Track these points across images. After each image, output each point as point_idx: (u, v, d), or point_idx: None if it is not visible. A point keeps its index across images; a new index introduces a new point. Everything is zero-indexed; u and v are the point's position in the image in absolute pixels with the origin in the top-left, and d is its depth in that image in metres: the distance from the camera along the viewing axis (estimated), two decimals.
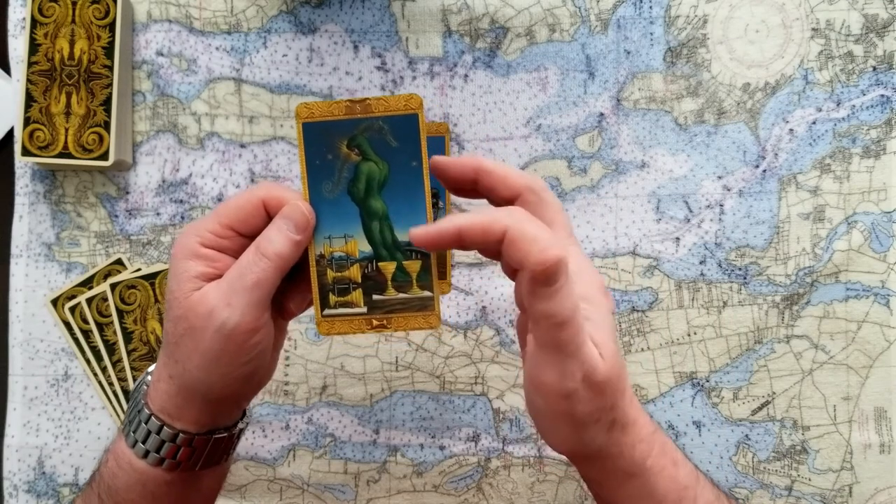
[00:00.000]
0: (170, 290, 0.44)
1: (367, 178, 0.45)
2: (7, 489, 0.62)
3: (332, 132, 0.45)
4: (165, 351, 0.45)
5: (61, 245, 0.63)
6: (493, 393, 0.62)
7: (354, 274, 0.46)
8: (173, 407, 0.45)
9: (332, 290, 0.46)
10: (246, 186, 0.63)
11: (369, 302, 0.46)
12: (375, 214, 0.45)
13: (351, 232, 0.46)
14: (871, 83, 0.62)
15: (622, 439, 0.42)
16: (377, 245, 0.46)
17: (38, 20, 0.60)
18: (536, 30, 0.63)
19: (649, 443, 0.43)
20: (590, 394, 0.40)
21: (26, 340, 0.62)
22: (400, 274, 0.46)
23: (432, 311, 0.46)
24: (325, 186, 0.45)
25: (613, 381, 0.40)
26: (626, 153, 0.62)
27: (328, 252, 0.46)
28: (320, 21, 0.63)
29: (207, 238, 0.44)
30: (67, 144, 0.59)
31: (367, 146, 0.45)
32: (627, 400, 0.42)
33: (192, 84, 0.63)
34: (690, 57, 0.62)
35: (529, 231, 0.39)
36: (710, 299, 0.62)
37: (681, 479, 0.44)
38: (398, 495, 0.63)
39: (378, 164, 0.45)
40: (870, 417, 0.61)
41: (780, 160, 0.62)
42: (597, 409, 0.40)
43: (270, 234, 0.43)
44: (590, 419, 0.40)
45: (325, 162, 0.45)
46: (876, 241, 0.62)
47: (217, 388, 0.44)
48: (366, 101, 0.45)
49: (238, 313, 0.42)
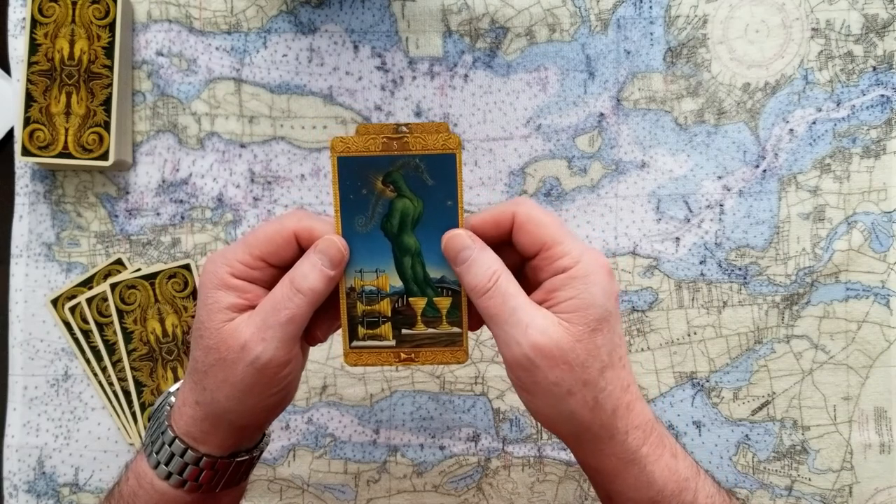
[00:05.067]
0: (200, 319, 0.44)
1: (402, 214, 0.45)
2: (7, 489, 0.62)
3: (368, 167, 0.45)
4: (193, 377, 0.45)
5: (61, 245, 0.63)
6: (493, 393, 0.62)
7: (384, 308, 0.46)
8: (199, 432, 0.45)
9: (362, 322, 0.46)
10: (246, 186, 0.63)
11: (398, 336, 0.47)
12: (408, 250, 0.46)
13: (382, 266, 0.46)
14: (871, 83, 0.62)
15: (614, 423, 0.42)
16: (408, 280, 0.46)
17: (38, 20, 0.60)
18: (536, 30, 0.63)
19: (645, 431, 0.43)
20: (546, 363, 0.41)
21: (26, 340, 0.62)
22: (430, 310, 0.46)
23: (460, 347, 0.47)
24: (358, 220, 0.46)
25: (571, 355, 0.41)
26: (627, 153, 0.62)
27: (359, 285, 0.46)
28: (320, 21, 0.63)
29: (238, 269, 0.44)
30: (67, 144, 0.59)
31: (402, 183, 0.45)
32: (614, 383, 0.42)
33: (192, 84, 0.63)
34: (690, 57, 0.62)
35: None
36: (710, 299, 0.62)
37: (681, 471, 0.44)
38: (398, 495, 0.63)
39: (413, 200, 0.45)
40: (870, 417, 0.61)
41: (781, 160, 0.62)
42: (561, 380, 0.41)
43: (305, 270, 0.43)
44: (559, 390, 0.41)
45: (360, 196, 0.45)
46: (876, 240, 0.62)
47: (246, 416, 0.45)
48: (403, 138, 0.45)
49: (272, 348, 0.42)
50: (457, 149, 0.45)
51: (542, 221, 0.43)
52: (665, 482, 0.43)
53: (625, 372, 0.43)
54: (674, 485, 0.43)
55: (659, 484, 0.43)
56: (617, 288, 0.44)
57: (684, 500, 0.44)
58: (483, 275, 0.43)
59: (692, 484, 0.44)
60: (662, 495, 0.43)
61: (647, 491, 0.43)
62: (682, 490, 0.44)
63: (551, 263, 0.43)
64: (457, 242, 0.44)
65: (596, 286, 0.42)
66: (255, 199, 0.63)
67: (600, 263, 0.43)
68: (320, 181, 0.63)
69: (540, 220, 0.43)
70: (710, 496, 0.45)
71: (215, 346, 0.43)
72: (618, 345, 0.43)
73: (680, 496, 0.44)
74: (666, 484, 0.43)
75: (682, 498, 0.44)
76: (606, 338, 0.42)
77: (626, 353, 0.44)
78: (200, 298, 0.44)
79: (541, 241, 0.43)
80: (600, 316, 0.42)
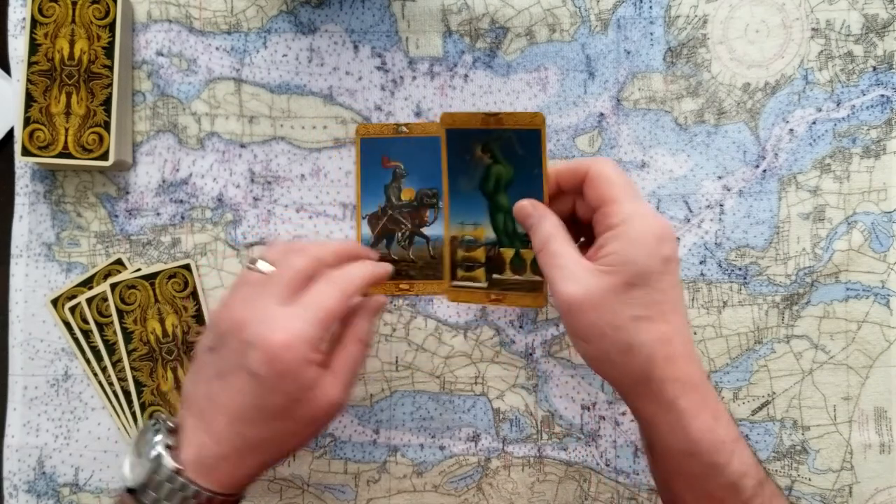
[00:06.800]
0: (287, 392, 0.47)
1: (496, 178, 0.54)
2: (7, 489, 0.62)
3: (470, 138, 0.54)
4: (249, 414, 0.47)
5: (61, 245, 0.63)
6: (493, 393, 0.62)
7: (479, 255, 0.56)
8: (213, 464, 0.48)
9: (461, 265, 0.56)
10: (246, 186, 0.63)
11: (489, 279, 0.56)
12: (501, 208, 0.55)
13: (479, 221, 0.55)
14: (871, 83, 0.62)
15: (650, 370, 0.46)
16: (500, 233, 0.55)
17: (38, 20, 0.60)
18: (536, 30, 0.63)
19: (685, 385, 0.46)
20: (579, 308, 0.47)
21: (26, 340, 0.62)
22: (517, 259, 0.55)
23: (541, 293, 0.55)
24: (461, 181, 0.55)
25: (602, 301, 0.46)
26: (626, 153, 0.62)
27: (460, 235, 0.56)
28: (320, 21, 0.63)
29: (320, 347, 0.48)
30: (67, 144, 0.59)
31: (498, 152, 0.54)
32: (650, 334, 0.46)
33: (192, 84, 0.63)
34: (690, 57, 0.62)
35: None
36: (710, 299, 0.62)
37: (719, 432, 0.46)
38: (398, 495, 0.63)
39: (505, 167, 0.54)
40: (870, 417, 0.61)
41: (780, 160, 0.62)
42: (594, 323, 0.46)
43: (370, 328, 0.53)
44: (594, 332, 0.46)
45: (463, 162, 0.55)
46: (876, 240, 0.62)
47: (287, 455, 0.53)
48: (498, 115, 0.53)
49: (349, 396, 0.50)
50: (542, 125, 0.52)
51: (609, 180, 0.49)
52: (701, 438, 0.46)
53: (668, 327, 0.46)
54: (709, 444, 0.46)
55: (694, 438, 0.46)
56: (670, 252, 0.47)
57: (718, 460, 0.46)
58: (539, 239, 0.50)
59: (729, 447, 0.46)
60: (697, 449, 0.46)
61: (683, 443, 0.46)
62: (718, 450, 0.46)
63: (605, 219, 0.48)
64: (522, 211, 0.52)
65: (639, 247, 0.46)
66: (255, 199, 0.63)
67: (650, 227, 0.47)
68: (320, 181, 0.63)
69: (607, 178, 0.49)
70: (745, 464, 0.46)
71: (312, 417, 0.48)
72: (661, 301, 0.46)
73: (715, 455, 0.46)
74: (701, 440, 0.46)
75: (716, 458, 0.46)
76: (644, 292, 0.46)
77: (676, 313, 0.47)
78: (288, 376, 0.47)
79: (602, 197, 0.48)
80: (638, 272, 0.46)
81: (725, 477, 0.46)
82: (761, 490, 0.47)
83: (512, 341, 0.62)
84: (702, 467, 0.46)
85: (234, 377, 0.47)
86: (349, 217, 0.63)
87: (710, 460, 0.46)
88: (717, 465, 0.46)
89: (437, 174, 0.58)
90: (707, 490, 0.47)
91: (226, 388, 0.47)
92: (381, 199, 0.63)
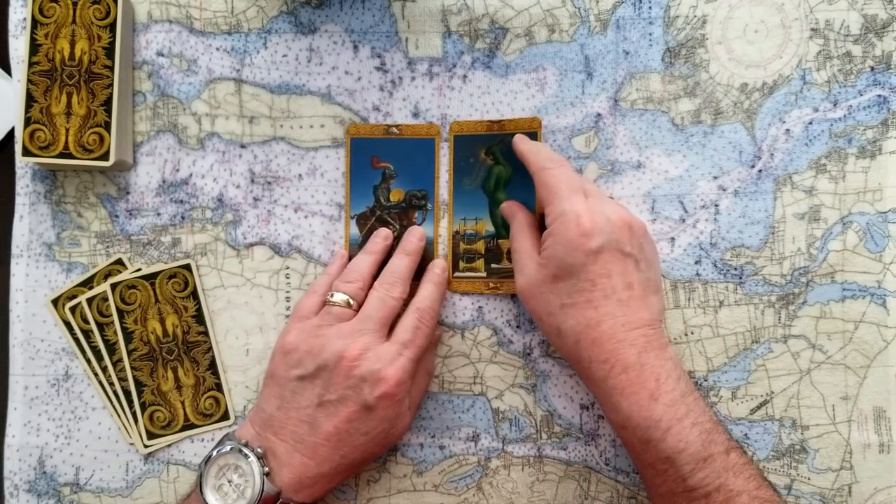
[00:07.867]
0: (389, 419, 0.56)
1: (497, 177, 0.62)
2: (8, 489, 0.62)
3: (474, 142, 0.62)
4: (347, 447, 0.55)
5: (62, 245, 0.63)
6: (492, 393, 0.63)
7: (479, 247, 0.62)
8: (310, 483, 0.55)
9: (462, 257, 0.62)
10: (246, 187, 0.63)
11: (489, 269, 0.62)
12: (499, 204, 0.62)
13: (480, 216, 0.62)
14: (868, 83, 0.62)
15: (578, 352, 0.53)
16: (498, 227, 0.62)
17: (38, 20, 0.60)
18: (536, 30, 0.63)
19: (614, 367, 0.51)
20: (525, 296, 0.57)
21: (27, 340, 0.62)
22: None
23: None
24: (465, 181, 0.62)
25: (537, 291, 0.55)
26: (623, 154, 0.63)
27: (462, 229, 0.62)
28: (320, 21, 0.63)
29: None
30: (68, 144, 0.60)
31: (499, 154, 0.62)
32: (576, 319, 0.53)
33: (193, 84, 0.63)
34: (689, 57, 0.62)
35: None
36: (707, 299, 0.62)
37: (654, 411, 0.50)
38: (398, 495, 0.63)
39: (505, 167, 0.62)
40: (869, 417, 0.61)
41: (776, 160, 0.62)
42: (534, 309, 0.56)
43: (434, 361, 0.62)
44: (537, 317, 0.56)
45: (467, 164, 0.62)
46: (871, 241, 0.62)
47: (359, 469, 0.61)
48: (501, 122, 0.62)
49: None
50: (538, 128, 0.61)
51: (547, 183, 0.55)
52: (630, 415, 0.51)
53: (595, 313, 0.52)
54: (640, 420, 0.50)
55: (625, 414, 0.51)
56: (596, 245, 0.52)
57: (651, 436, 0.50)
58: (510, 235, 0.59)
59: (664, 425, 0.50)
60: (630, 423, 0.51)
61: (615, 416, 0.52)
62: (649, 427, 0.50)
63: (547, 217, 0.55)
64: (504, 212, 0.61)
65: (561, 244, 0.53)
66: (255, 200, 0.63)
67: (575, 224, 0.53)
68: (316, 180, 0.63)
69: (545, 182, 0.56)
70: (684, 442, 0.50)
71: (395, 424, 0.56)
72: (588, 290, 0.52)
73: (646, 431, 0.50)
74: (631, 416, 0.51)
75: (647, 434, 0.50)
76: (570, 283, 0.53)
77: (607, 299, 0.52)
78: (393, 408, 0.55)
79: (544, 197, 0.56)
80: (562, 265, 0.53)
81: (660, 451, 0.50)
82: (704, 465, 0.50)
83: (510, 341, 0.63)
84: (636, 441, 0.51)
85: (342, 407, 0.54)
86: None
87: (642, 435, 0.50)
88: (651, 440, 0.50)
89: (426, 176, 0.62)
90: (646, 460, 0.51)
91: (331, 417, 0.54)
92: (371, 199, 0.63)
